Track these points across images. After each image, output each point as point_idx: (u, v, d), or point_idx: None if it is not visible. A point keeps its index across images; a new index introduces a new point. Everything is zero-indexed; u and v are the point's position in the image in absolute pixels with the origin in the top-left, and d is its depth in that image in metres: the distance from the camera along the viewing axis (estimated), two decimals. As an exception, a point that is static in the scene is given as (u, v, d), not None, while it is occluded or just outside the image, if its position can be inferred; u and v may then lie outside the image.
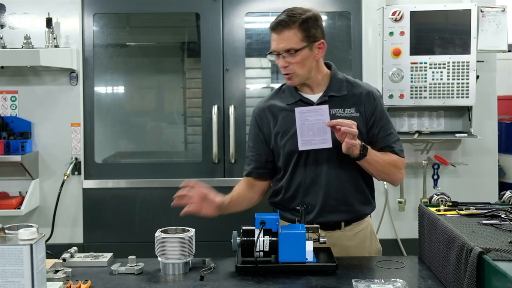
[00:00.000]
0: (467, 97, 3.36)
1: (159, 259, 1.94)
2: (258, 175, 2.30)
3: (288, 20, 2.08)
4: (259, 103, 2.33)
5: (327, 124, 2.00)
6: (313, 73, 2.17)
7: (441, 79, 3.36)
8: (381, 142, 2.19)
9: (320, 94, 2.20)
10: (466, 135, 3.42)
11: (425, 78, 3.37)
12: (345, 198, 2.18)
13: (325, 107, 2.03)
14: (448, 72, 3.36)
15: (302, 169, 2.18)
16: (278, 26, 2.10)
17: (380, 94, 2.27)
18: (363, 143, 2.05)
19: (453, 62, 3.36)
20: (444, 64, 3.36)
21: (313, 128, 2.02)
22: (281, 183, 2.25)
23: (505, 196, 2.09)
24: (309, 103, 2.18)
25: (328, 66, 2.26)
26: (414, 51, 3.36)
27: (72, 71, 3.50)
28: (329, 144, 2.04)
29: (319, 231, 1.96)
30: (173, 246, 1.91)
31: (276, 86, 2.49)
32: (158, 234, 1.95)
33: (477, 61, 3.37)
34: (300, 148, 2.07)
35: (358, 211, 2.22)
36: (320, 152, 2.13)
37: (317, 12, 2.17)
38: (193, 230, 2.00)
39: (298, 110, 2.04)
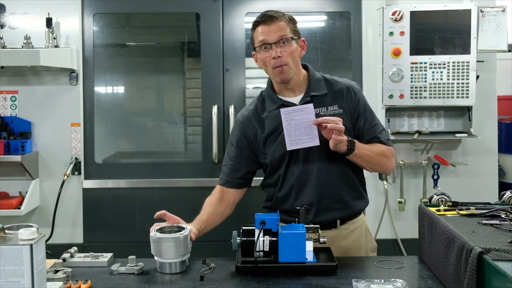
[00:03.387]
0: (467, 97, 3.36)
1: (156, 258, 1.93)
2: (234, 185, 2.27)
3: (277, 14, 2.12)
4: (242, 111, 2.31)
5: (313, 122, 2.02)
6: (297, 72, 2.18)
7: (441, 79, 3.36)
8: (367, 134, 2.20)
9: (301, 96, 2.20)
10: (466, 135, 3.42)
11: (425, 78, 3.37)
12: (338, 196, 2.18)
13: (310, 105, 2.05)
14: (448, 72, 3.36)
15: (293, 170, 2.18)
16: (269, 18, 2.11)
17: (359, 87, 2.27)
18: (350, 138, 2.06)
19: (453, 62, 3.36)
20: (444, 64, 3.36)
21: (300, 127, 2.03)
22: (273, 186, 2.24)
23: (505, 196, 2.09)
24: (291, 106, 2.16)
25: (304, 67, 2.26)
26: (414, 51, 3.37)
27: (72, 71, 3.51)
28: (316, 142, 2.05)
29: (319, 231, 1.96)
30: (168, 246, 1.88)
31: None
32: (152, 234, 1.92)
33: (477, 61, 3.37)
34: (288, 148, 2.07)
35: (352, 207, 2.22)
36: (310, 151, 2.13)
37: None
38: (189, 228, 1.98)
39: (283, 111, 2.05)
